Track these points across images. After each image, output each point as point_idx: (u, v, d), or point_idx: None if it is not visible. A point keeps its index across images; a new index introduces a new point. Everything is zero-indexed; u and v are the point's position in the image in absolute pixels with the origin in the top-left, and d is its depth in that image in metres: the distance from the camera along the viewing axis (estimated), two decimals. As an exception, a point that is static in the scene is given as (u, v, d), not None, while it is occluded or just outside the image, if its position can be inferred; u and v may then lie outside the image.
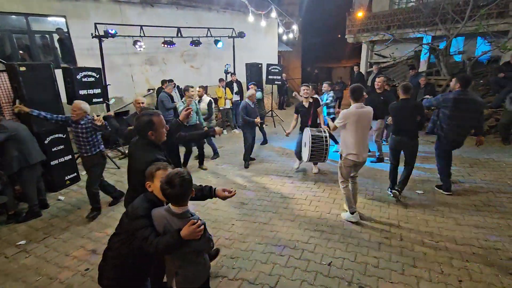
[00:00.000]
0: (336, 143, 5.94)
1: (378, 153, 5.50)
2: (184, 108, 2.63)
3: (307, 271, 2.66)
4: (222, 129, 3.20)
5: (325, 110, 5.79)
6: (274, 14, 8.66)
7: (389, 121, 4.21)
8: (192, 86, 5.17)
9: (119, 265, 1.71)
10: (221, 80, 8.18)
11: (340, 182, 3.51)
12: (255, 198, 4.19)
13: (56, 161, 4.51)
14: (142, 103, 4.20)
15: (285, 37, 10.38)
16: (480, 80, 8.03)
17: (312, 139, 4.22)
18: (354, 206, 3.47)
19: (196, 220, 1.58)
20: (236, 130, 8.25)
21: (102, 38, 6.20)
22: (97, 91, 5.35)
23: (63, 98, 4.90)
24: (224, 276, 2.63)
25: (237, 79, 8.50)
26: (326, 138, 4.26)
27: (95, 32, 6.16)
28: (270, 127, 8.59)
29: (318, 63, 18.95)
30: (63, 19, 6.80)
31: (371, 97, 5.15)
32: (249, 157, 5.59)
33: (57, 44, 7.04)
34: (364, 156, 3.34)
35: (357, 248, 2.97)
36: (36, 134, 4.05)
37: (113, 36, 6.15)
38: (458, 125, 3.81)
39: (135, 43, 6.91)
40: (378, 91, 5.23)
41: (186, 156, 5.42)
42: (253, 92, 5.51)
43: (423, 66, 9.80)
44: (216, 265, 2.77)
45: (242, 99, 8.74)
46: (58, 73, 4.97)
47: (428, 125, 4.57)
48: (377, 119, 5.11)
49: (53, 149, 4.45)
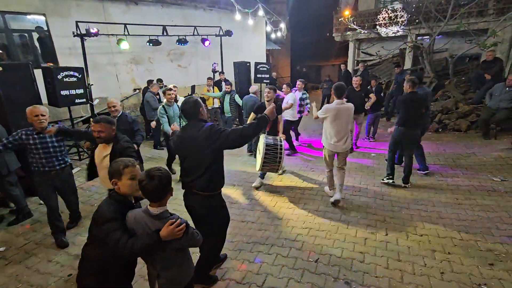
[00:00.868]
0: (293, 151, 6.02)
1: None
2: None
3: (294, 269, 2.67)
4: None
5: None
6: (261, 13, 8.64)
7: (390, 130, 4.47)
8: (170, 88, 4.78)
9: (97, 273, 1.64)
10: (209, 79, 8.11)
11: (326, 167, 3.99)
12: (244, 197, 4.18)
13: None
14: (114, 106, 3.83)
15: (273, 36, 10.39)
16: (462, 77, 8.27)
17: (266, 148, 3.73)
18: (333, 187, 4.00)
19: (175, 220, 1.54)
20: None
21: (84, 36, 6.03)
22: (80, 91, 5.22)
23: (44, 99, 4.75)
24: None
25: (225, 78, 8.44)
26: (281, 147, 3.78)
27: (77, 30, 5.99)
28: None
29: (307, 61, 19.06)
30: (42, 17, 6.59)
31: (349, 94, 5.41)
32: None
33: (37, 43, 6.82)
34: (343, 146, 3.67)
35: (344, 244, 3.00)
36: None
37: (96, 35, 6.00)
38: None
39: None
40: (357, 89, 5.79)
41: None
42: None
43: (408, 64, 10.00)
44: (203, 266, 2.75)
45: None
46: (39, 73, 4.82)
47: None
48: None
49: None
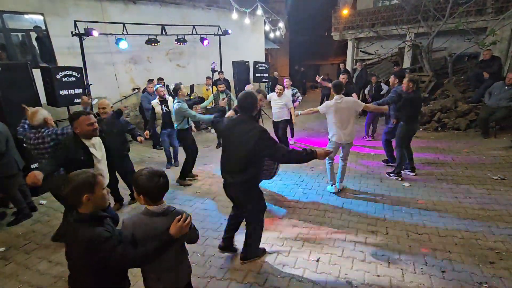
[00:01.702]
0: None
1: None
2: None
3: (296, 268, 2.67)
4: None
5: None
6: (260, 12, 8.64)
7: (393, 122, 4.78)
8: (181, 83, 4.96)
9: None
10: (208, 78, 8.10)
11: (327, 159, 4.09)
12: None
13: (37, 165, 4.34)
14: (104, 108, 3.71)
15: (272, 35, 10.38)
16: (461, 76, 8.28)
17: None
18: (334, 180, 4.16)
19: (180, 215, 1.53)
20: (211, 131, 8.20)
21: (82, 36, 6.00)
22: (79, 91, 5.19)
23: (43, 99, 4.72)
24: (213, 276, 2.60)
25: (224, 77, 8.43)
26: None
27: (75, 30, 5.96)
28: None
29: (305, 60, 19.05)
30: (41, 17, 6.53)
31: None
32: None
33: (35, 43, 6.77)
34: (347, 138, 3.90)
35: (344, 243, 3.00)
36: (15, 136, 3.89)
37: (89, 34, 5.95)
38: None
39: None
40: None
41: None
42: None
43: (407, 63, 10.00)
44: (204, 265, 2.75)
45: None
46: (37, 73, 4.79)
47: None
48: None
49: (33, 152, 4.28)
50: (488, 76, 6.67)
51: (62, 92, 4.91)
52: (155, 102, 5.14)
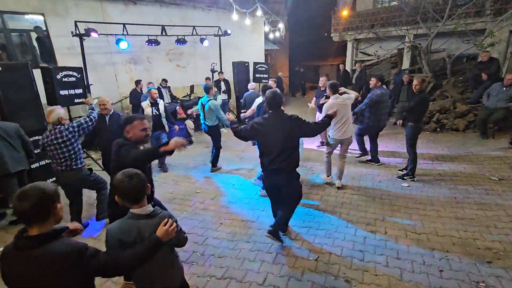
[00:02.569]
0: None
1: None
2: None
3: (295, 267, 2.69)
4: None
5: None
6: (259, 12, 8.66)
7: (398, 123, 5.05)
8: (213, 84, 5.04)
9: None
10: (207, 78, 8.12)
11: (326, 153, 4.42)
12: (243, 197, 4.19)
13: (37, 164, 4.36)
14: (104, 104, 3.82)
15: (271, 36, 10.40)
16: (459, 77, 8.32)
17: None
18: (329, 172, 4.46)
19: (166, 218, 1.51)
20: (224, 129, 8.21)
21: (83, 36, 6.02)
22: (79, 91, 5.21)
23: (43, 99, 4.74)
24: (212, 275, 2.62)
25: (224, 78, 8.46)
26: None
27: (76, 30, 5.98)
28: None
29: (305, 61, 19.08)
30: (41, 17, 6.57)
31: (318, 96, 5.81)
32: None
33: (35, 43, 6.79)
34: (346, 135, 4.14)
35: (343, 243, 3.02)
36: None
37: (90, 35, 5.98)
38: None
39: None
40: (322, 89, 5.97)
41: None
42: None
43: (406, 64, 10.04)
44: (204, 265, 2.76)
45: (230, 97, 8.72)
46: (37, 73, 4.80)
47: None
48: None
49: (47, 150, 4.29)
50: (486, 77, 6.70)
51: (62, 92, 4.92)
52: (146, 104, 4.94)
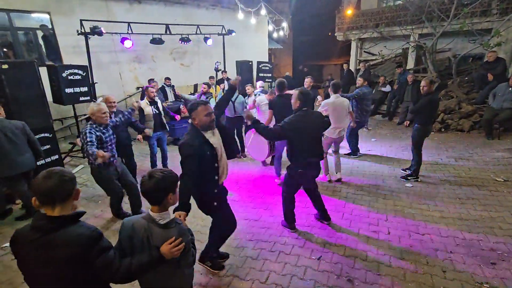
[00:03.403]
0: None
1: None
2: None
3: (297, 266, 2.69)
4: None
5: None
6: (264, 11, 8.66)
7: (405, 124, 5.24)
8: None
9: None
10: (211, 77, 8.13)
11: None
12: (246, 195, 4.20)
13: (43, 161, 4.41)
14: (111, 102, 3.74)
15: (275, 35, 10.40)
16: (465, 77, 8.24)
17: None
18: (327, 171, 4.56)
19: (175, 237, 1.42)
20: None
21: (88, 35, 6.06)
22: (84, 89, 5.25)
23: (49, 97, 4.78)
24: (215, 273, 2.63)
25: (227, 77, 8.46)
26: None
27: (81, 29, 6.03)
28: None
29: (308, 60, 19.03)
30: (47, 16, 6.62)
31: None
32: None
33: (41, 41, 6.86)
34: (340, 134, 4.32)
35: (346, 242, 3.02)
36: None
37: (100, 34, 6.02)
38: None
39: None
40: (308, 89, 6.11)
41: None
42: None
43: (410, 63, 9.97)
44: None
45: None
46: (43, 71, 4.85)
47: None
48: None
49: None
50: (492, 77, 6.64)
51: (68, 90, 4.96)
52: (144, 103, 4.75)
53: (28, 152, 3.51)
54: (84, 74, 5.23)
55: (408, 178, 4.48)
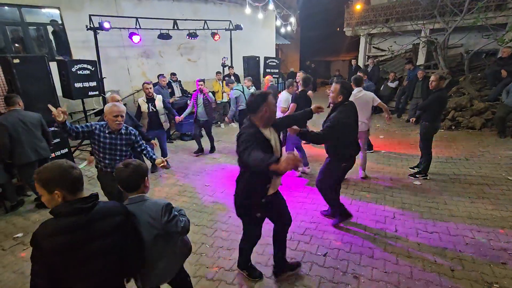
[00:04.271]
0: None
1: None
2: None
3: (303, 262, 2.69)
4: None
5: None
6: (271, 6, 8.58)
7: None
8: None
9: None
10: (218, 73, 8.13)
11: None
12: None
13: (53, 154, 4.49)
14: (118, 100, 3.54)
15: (283, 30, 10.31)
16: (477, 74, 8.03)
17: None
18: (364, 167, 4.49)
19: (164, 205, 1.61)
20: (233, 124, 8.23)
21: (97, 30, 6.11)
22: (93, 84, 5.31)
23: (59, 92, 4.86)
24: (221, 267, 2.65)
25: (234, 72, 8.44)
26: None
27: (90, 24, 6.07)
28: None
29: (316, 56, 18.84)
30: (57, 11, 6.69)
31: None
32: None
33: (51, 36, 6.94)
34: (362, 128, 3.99)
35: (352, 239, 3.00)
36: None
37: (105, 29, 6.05)
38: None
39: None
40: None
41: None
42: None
43: (421, 59, 9.77)
44: (213, 256, 2.80)
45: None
46: (53, 66, 4.92)
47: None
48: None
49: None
50: (506, 74, 6.45)
51: (77, 85, 5.03)
52: (141, 100, 4.67)
53: (43, 142, 3.72)
54: (93, 69, 5.29)
55: (417, 175, 4.41)
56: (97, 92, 5.46)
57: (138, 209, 1.58)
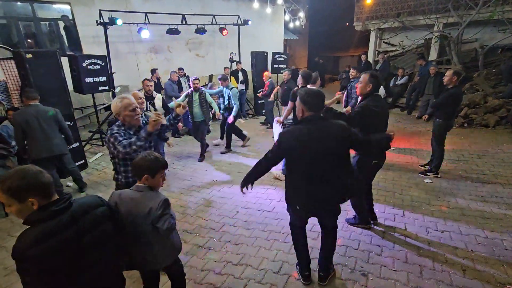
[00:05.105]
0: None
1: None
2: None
3: (310, 258, 2.68)
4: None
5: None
6: (280, 1, 8.48)
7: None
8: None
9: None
10: (225, 68, 8.11)
11: None
12: (259, 187, 4.21)
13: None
14: (141, 98, 3.37)
15: (291, 25, 10.18)
16: (492, 69, 7.79)
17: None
18: None
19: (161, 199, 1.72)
20: (241, 120, 8.22)
21: (107, 25, 6.15)
22: (103, 79, 5.37)
23: (70, 86, 4.93)
24: (229, 261, 2.67)
25: (242, 68, 8.41)
26: None
27: (100, 19, 6.12)
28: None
29: (325, 51, 18.58)
30: (68, 6, 6.77)
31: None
32: None
33: (63, 32, 7.03)
34: None
35: (361, 237, 2.98)
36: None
37: (115, 23, 6.07)
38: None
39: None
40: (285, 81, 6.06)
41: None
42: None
43: (433, 55, 9.53)
44: (220, 251, 2.82)
45: (248, 88, 8.68)
46: (64, 61, 4.98)
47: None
48: (286, 104, 5.45)
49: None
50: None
51: (87, 80, 5.09)
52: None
53: (57, 138, 3.70)
54: (103, 64, 5.34)
55: (427, 173, 4.33)
56: (107, 87, 5.52)
57: (140, 196, 1.72)
